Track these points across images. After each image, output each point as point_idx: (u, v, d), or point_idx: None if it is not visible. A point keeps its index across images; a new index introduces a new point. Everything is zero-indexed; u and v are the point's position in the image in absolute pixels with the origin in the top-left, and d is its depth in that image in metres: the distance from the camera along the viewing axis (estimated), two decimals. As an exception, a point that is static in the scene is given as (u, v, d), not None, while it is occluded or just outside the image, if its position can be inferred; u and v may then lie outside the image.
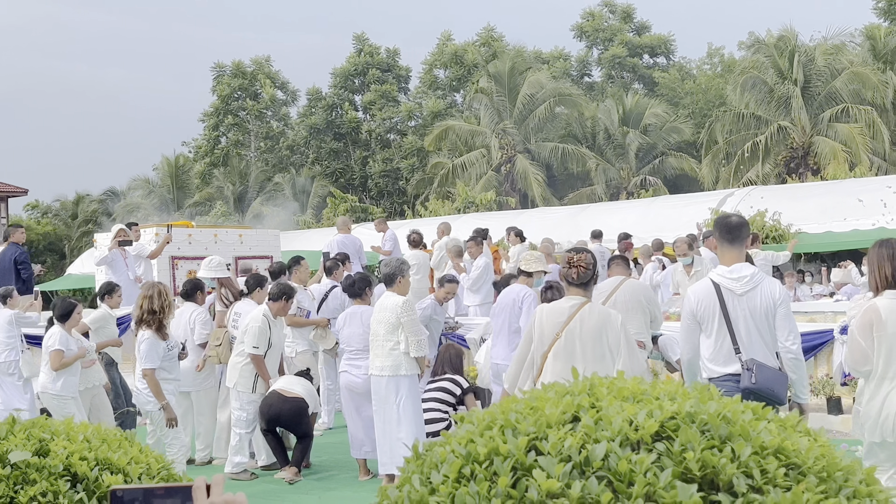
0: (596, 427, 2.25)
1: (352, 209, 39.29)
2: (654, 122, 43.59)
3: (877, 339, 5.92)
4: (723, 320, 5.92)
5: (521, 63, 44.01)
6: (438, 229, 16.37)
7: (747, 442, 2.24)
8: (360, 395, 9.06)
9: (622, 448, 2.20)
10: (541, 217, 28.33)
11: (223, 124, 55.41)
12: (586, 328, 5.86)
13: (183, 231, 17.55)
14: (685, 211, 24.54)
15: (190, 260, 17.14)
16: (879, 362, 5.93)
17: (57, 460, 3.19)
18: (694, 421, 2.29)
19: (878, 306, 5.95)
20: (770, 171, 35.89)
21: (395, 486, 2.36)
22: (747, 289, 5.93)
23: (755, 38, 42.22)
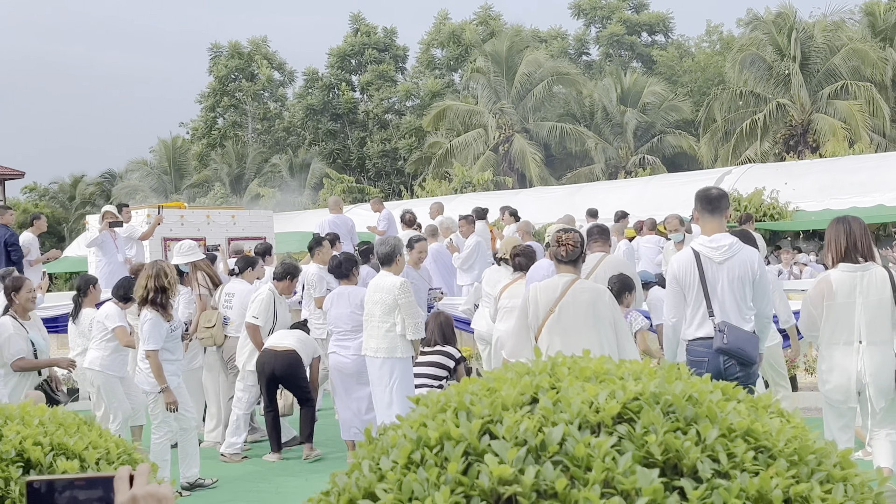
0: (554, 409, 2.13)
1: (348, 189, 39.13)
2: (652, 101, 43.36)
3: (826, 307, 6.49)
4: (700, 286, 6.30)
5: (518, 42, 43.76)
6: (431, 209, 16.22)
7: (714, 424, 2.12)
8: (349, 376, 8.94)
9: (581, 431, 2.08)
10: (538, 197, 28.19)
11: (220, 105, 55.16)
12: (578, 302, 6.10)
13: (175, 212, 17.42)
14: (682, 189, 24.33)
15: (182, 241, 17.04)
16: (826, 329, 6.53)
17: (9, 445, 3.07)
18: (658, 402, 2.16)
19: (830, 278, 6.52)
20: (769, 148, 35.73)
21: (344, 472, 2.24)
22: (726, 257, 6.29)
23: (754, 16, 41.92)
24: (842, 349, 6.50)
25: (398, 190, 43.54)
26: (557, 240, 6.31)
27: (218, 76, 54.63)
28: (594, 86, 45.01)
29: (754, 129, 35.02)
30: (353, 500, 2.10)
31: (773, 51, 36.39)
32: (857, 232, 6.52)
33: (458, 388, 2.31)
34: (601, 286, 6.48)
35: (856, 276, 6.45)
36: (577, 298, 6.11)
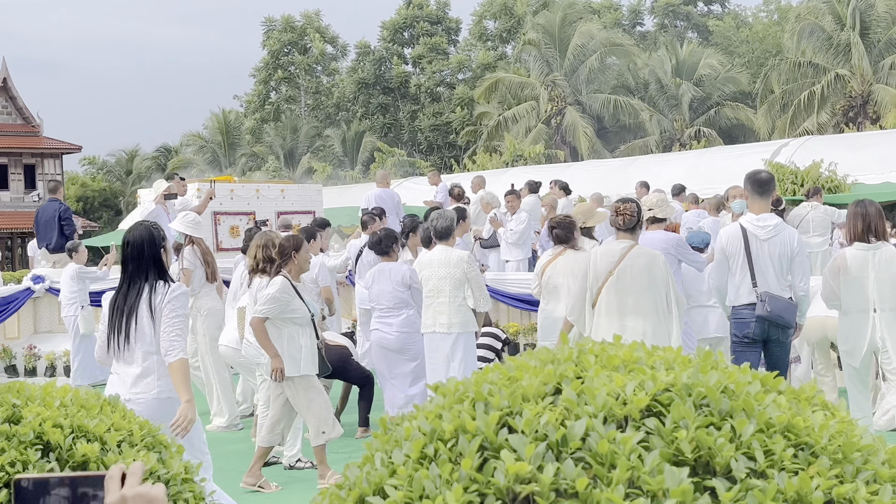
0: (578, 401, 1.99)
1: (399, 163, 39.06)
2: (708, 73, 42.67)
3: (843, 281, 7.48)
4: (746, 259, 7.12)
5: (571, 13, 43.25)
6: (473, 183, 16.05)
7: (751, 418, 1.96)
8: (393, 352, 8.84)
9: (606, 425, 1.93)
10: (590, 170, 27.86)
11: (273, 79, 55.32)
12: (636, 266, 6.61)
13: (225, 186, 17.41)
14: (738, 162, 23.89)
15: (232, 215, 17.02)
16: (844, 300, 7.54)
17: (27, 428, 3.00)
18: (691, 394, 2.01)
19: (846, 255, 7.54)
20: (827, 120, 34.99)
21: (357, 464, 2.12)
22: (771, 235, 7.12)
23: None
24: (856, 317, 7.49)
25: (449, 164, 43.40)
26: (616, 210, 6.86)
27: (271, 50, 54.78)
28: (648, 57, 44.38)
29: (812, 100, 34.28)
30: (363, 495, 1.98)
31: (833, 20, 35.54)
32: (873, 214, 7.49)
33: (478, 377, 2.18)
34: (657, 252, 6.90)
35: (868, 254, 7.42)
36: (634, 263, 6.61)
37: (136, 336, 5.29)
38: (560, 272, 7.96)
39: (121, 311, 5.34)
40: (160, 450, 3.33)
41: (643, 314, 6.57)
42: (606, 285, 6.61)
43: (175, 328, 5.25)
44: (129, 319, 5.30)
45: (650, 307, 6.55)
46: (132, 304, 5.32)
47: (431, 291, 8.35)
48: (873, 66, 34.34)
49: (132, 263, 5.41)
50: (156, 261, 5.39)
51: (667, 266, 6.71)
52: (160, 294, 5.32)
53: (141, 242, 5.40)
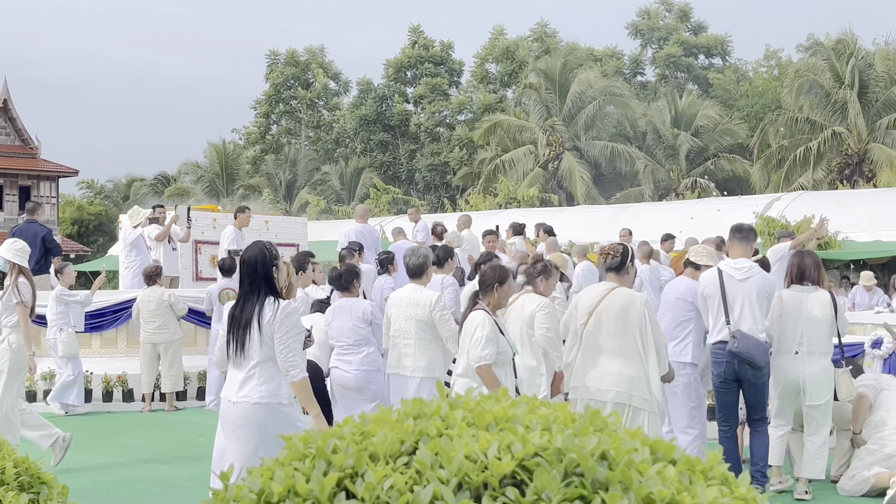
0: (433, 463, 1.72)
1: (394, 201, 38.88)
2: (706, 124, 42.61)
3: (777, 320, 7.80)
4: (721, 298, 7.60)
5: (573, 60, 43.27)
6: (459, 222, 15.80)
7: (627, 492, 1.70)
8: (352, 391, 8.53)
9: (460, 493, 1.67)
10: (583, 215, 27.74)
11: (275, 112, 55.37)
12: (613, 307, 6.60)
13: (208, 215, 17.21)
14: (729, 214, 23.70)
15: (214, 245, 16.77)
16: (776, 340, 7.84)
17: None
18: (562, 460, 1.74)
19: (782, 296, 7.89)
20: (823, 177, 34.85)
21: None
22: (746, 276, 7.60)
23: (814, 41, 41.05)
24: (783, 357, 7.77)
25: (444, 204, 43.20)
26: (601, 250, 6.99)
27: (274, 83, 54.87)
28: (647, 107, 44.35)
29: (808, 156, 34.15)
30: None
31: (832, 77, 35.51)
32: (809, 263, 7.91)
33: (329, 431, 1.91)
34: (637, 294, 6.91)
35: (802, 295, 7.79)
36: (612, 304, 6.61)
37: (248, 346, 5.63)
38: (512, 315, 7.50)
39: (238, 322, 5.70)
40: (38, 489, 3.06)
41: (620, 355, 6.51)
42: (587, 327, 6.64)
43: (291, 347, 5.61)
44: (244, 330, 5.65)
45: (627, 349, 6.50)
46: (248, 316, 5.66)
47: (397, 332, 7.97)
48: (870, 125, 34.25)
49: (247, 279, 5.76)
50: (267, 278, 5.72)
51: (646, 308, 6.62)
52: (268, 311, 5.64)
53: (255, 261, 5.75)
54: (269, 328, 5.61)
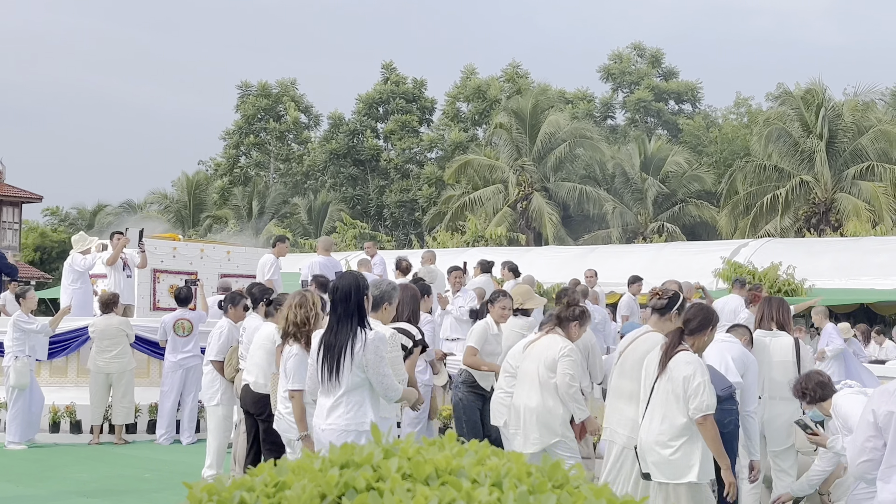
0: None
1: (360, 236, 38.57)
2: (675, 170, 42.70)
3: None
4: None
5: (544, 101, 43.32)
6: (423, 258, 15.51)
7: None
8: None
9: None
10: (550, 256, 27.58)
11: (244, 143, 55.07)
12: (637, 352, 6.41)
13: (168, 244, 16.81)
14: (696, 258, 23.71)
15: (173, 274, 16.40)
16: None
17: None
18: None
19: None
20: (790, 224, 34.93)
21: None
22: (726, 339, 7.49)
23: (783, 90, 41.38)
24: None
25: (411, 240, 42.92)
26: (653, 291, 6.76)
27: (245, 114, 54.60)
28: (617, 150, 44.41)
29: (776, 203, 34.23)
30: None
31: (800, 126, 35.69)
32: (775, 307, 8.00)
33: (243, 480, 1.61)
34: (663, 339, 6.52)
35: (766, 339, 7.83)
36: (637, 348, 6.45)
37: (341, 373, 5.80)
38: (531, 356, 7.24)
39: (330, 348, 5.85)
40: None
41: (634, 400, 6.32)
42: (615, 368, 6.60)
43: (382, 373, 5.84)
44: (338, 356, 5.81)
45: (636, 393, 6.29)
46: (342, 343, 5.82)
47: None
48: (837, 174, 34.40)
49: (341, 306, 5.87)
50: (359, 306, 5.88)
51: None
52: (359, 340, 5.82)
53: (349, 289, 5.90)
54: (360, 357, 5.79)
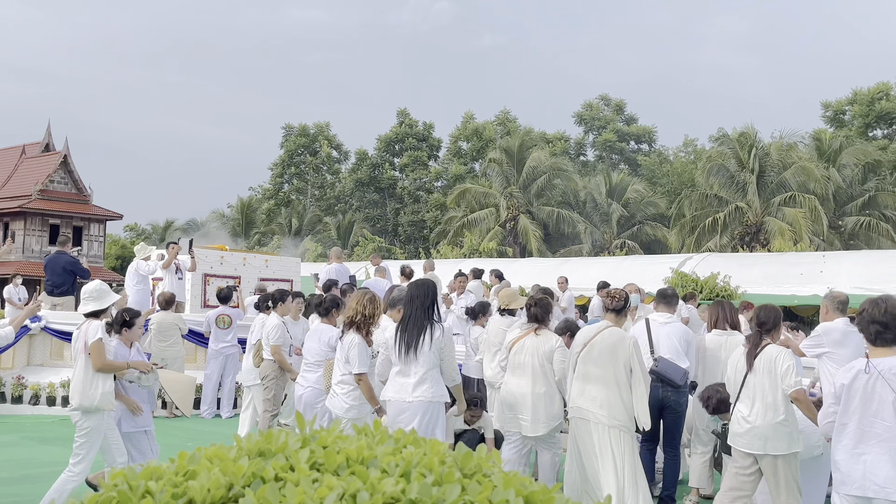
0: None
1: (378, 249, 38.24)
2: (634, 197, 42.44)
3: (702, 361, 7.57)
4: (647, 338, 7.43)
5: (528, 140, 43.05)
6: (425, 265, 15.19)
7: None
8: (304, 404, 7.75)
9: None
10: (532, 265, 27.24)
11: (287, 173, 54.85)
12: (605, 342, 6.27)
13: (217, 254, 16.52)
14: (650, 269, 23.40)
15: (220, 278, 16.10)
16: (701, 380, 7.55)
17: None
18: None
19: (705, 338, 7.68)
20: (727, 242, 34.56)
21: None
22: (667, 321, 7.55)
23: (722, 133, 41.03)
24: None
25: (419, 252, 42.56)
26: (608, 293, 6.64)
27: (287, 150, 54.41)
28: (587, 181, 44.13)
29: (715, 225, 33.91)
30: None
31: (736, 163, 35.37)
32: (728, 310, 7.63)
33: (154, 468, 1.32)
34: (630, 335, 6.50)
35: (721, 339, 7.50)
36: (604, 339, 6.30)
37: (419, 356, 5.90)
38: (527, 350, 6.93)
39: (409, 337, 5.95)
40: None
41: (603, 383, 6.17)
42: (581, 355, 6.36)
43: (452, 359, 6.06)
44: (416, 341, 5.91)
45: (610, 378, 6.16)
46: (421, 329, 5.92)
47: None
48: (765, 202, 34.05)
49: (418, 301, 6.00)
50: (433, 304, 6.04)
51: (635, 348, 6.28)
52: (437, 331, 5.98)
53: (426, 290, 6.07)
54: (440, 342, 5.93)
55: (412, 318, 6.00)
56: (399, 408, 5.91)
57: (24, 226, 41.61)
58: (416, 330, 5.95)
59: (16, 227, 42.01)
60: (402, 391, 5.92)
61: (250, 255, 17.18)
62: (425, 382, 5.89)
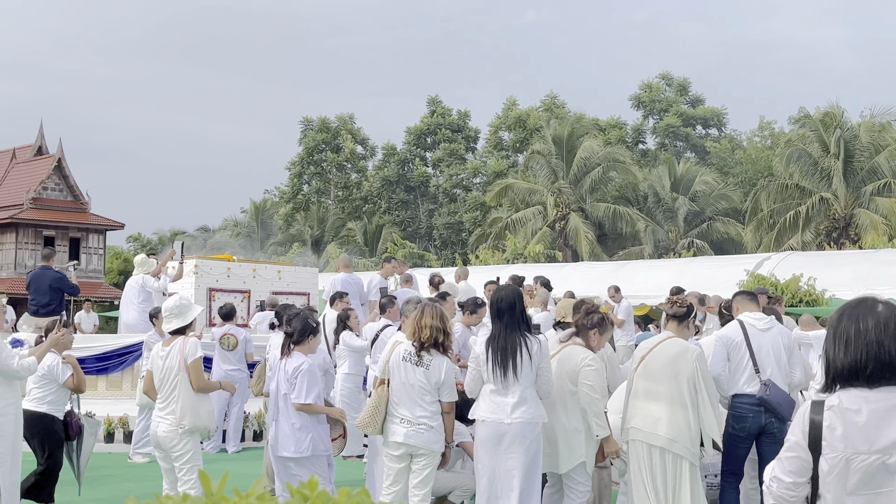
0: None
1: (409, 255, 38.22)
2: (703, 189, 42.03)
3: None
4: (747, 348, 6.90)
5: (579, 128, 42.78)
6: (457, 274, 15.04)
7: None
8: None
9: None
10: (583, 271, 26.99)
11: (306, 173, 55.17)
12: (665, 355, 6.24)
13: (223, 265, 16.54)
14: (721, 272, 23.00)
15: (227, 293, 16.10)
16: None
17: None
18: None
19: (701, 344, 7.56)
20: (812, 239, 34.00)
21: None
22: (768, 326, 7.04)
23: (804, 114, 40.42)
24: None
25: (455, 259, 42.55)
26: (669, 299, 6.62)
27: (307, 147, 54.71)
28: (648, 172, 43.75)
29: (797, 219, 33.37)
30: None
31: (819, 147, 34.80)
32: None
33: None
34: (693, 347, 6.48)
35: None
36: (663, 352, 6.26)
37: (518, 372, 5.97)
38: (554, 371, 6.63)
39: (503, 351, 5.99)
40: None
41: (663, 400, 6.15)
42: (637, 371, 6.34)
43: (550, 376, 6.14)
44: (512, 358, 5.97)
45: (671, 395, 6.12)
46: (513, 346, 5.98)
47: None
48: (855, 191, 33.42)
49: (507, 314, 6.06)
50: (523, 314, 6.13)
51: (699, 361, 6.24)
52: (535, 343, 6.04)
53: (512, 300, 6.13)
54: (537, 358, 6.00)
55: (502, 334, 6.06)
56: (496, 430, 6.00)
57: (16, 238, 42.35)
58: (511, 347, 6.01)
59: (5, 240, 42.74)
60: (498, 411, 6.01)
61: (261, 266, 17.18)
62: (525, 402, 6.00)
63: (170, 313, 7.01)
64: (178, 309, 7.01)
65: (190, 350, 6.86)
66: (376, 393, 6.45)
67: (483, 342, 6.18)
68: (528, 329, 6.13)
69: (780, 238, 34.01)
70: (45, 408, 7.66)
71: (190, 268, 15.79)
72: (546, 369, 6.08)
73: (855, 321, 3.02)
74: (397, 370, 6.32)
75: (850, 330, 3.01)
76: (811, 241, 33.92)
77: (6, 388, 6.51)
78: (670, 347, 6.32)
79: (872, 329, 2.97)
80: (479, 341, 6.32)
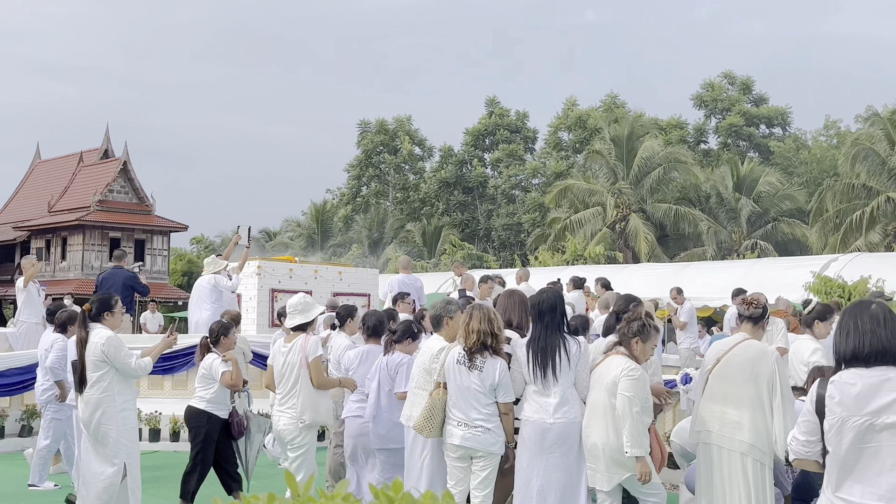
0: None
1: (468, 256, 38.20)
2: (767, 190, 41.36)
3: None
4: None
5: (639, 128, 42.42)
6: (518, 276, 14.99)
7: None
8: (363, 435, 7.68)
9: None
10: (644, 272, 26.71)
11: (365, 175, 55.51)
12: (743, 357, 6.08)
13: (285, 266, 16.75)
14: (787, 273, 22.57)
15: (289, 293, 16.26)
16: None
17: None
18: None
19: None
20: (879, 240, 33.19)
21: None
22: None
23: (872, 112, 39.49)
24: None
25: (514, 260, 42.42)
26: (744, 300, 6.49)
27: (365, 149, 55.06)
28: (710, 172, 43.18)
29: (863, 220, 32.60)
30: None
31: (888, 146, 33.98)
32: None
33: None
34: (772, 349, 6.33)
35: None
36: (741, 354, 6.10)
37: (558, 373, 6.10)
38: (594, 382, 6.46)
39: (543, 353, 6.12)
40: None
41: (742, 405, 5.96)
42: (713, 373, 6.16)
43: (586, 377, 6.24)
44: (552, 359, 6.09)
45: (750, 399, 5.94)
46: (554, 347, 6.11)
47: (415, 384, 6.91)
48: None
49: (548, 315, 6.18)
50: (563, 316, 6.21)
51: (777, 363, 6.03)
52: (574, 345, 6.18)
53: (554, 302, 6.23)
54: (576, 359, 6.12)
55: (543, 336, 6.18)
56: (541, 429, 6.11)
57: (83, 240, 43.33)
58: (550, 349, 6.13)
59: (73, 242, 43.75)
60: (541, 411, 6.13)
61: (322, 267, 17.36)
62: (567, 403, 6.13)
63: (294, 310, 7.30)
64: (301, 306, 7.32)
65: (311, 348, 7.19)
66: (431, 396, 6.45)
67: (524, 343, 6.30)
68: (567, 331, 6.26)
69: (846, 239, 33.28)
70: (203, 405, 7.84)
71: (253, 269, 16.01)
72: (584, 371, 6.20)
73: (854, 317, 3.93)
74: (452, 373, 6.33)
75: (850, 324, 3.91)
76: (879, 242, 33.14)
77: (124, 385, 6.91)
78: (748, 349, 6.15)
79: (868, 321, 3.87)
80: (520, 343, 6.40)
